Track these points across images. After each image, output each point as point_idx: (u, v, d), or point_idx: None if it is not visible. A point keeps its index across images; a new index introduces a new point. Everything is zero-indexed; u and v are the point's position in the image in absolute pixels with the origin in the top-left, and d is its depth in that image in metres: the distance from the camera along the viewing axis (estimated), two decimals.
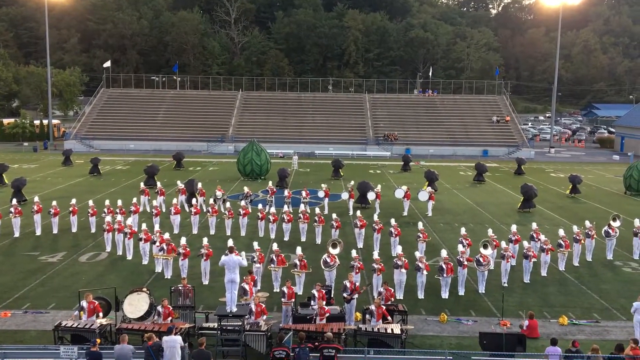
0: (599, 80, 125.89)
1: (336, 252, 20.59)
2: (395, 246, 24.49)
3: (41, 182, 42.67)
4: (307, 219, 27.57)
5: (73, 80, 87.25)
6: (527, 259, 21.98)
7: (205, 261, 21.20)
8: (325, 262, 20.14)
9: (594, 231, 24.92)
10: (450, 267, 20.28)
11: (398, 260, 20.08)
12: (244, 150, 46.34)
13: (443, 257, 20.50)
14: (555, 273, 23.04)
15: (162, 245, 21.70)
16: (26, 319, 18.08)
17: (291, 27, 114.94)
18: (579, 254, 24.42)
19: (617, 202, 38.89)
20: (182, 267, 21.58)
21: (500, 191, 42.60)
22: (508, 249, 22.03)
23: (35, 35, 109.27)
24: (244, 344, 15.45)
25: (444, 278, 20.29)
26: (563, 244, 23.33)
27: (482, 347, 15.92)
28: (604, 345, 15.97)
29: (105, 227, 25.35)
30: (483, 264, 20.83)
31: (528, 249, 22.06)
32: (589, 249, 24.90)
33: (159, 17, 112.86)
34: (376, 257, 20.25)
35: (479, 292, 20.82)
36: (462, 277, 20.81)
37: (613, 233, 25.42)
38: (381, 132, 69.10)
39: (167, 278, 21.61)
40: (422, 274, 20.12)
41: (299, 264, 20.13)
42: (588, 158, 65.93)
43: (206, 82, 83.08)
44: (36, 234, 27.82)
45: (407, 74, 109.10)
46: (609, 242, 25.49)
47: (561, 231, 24.24)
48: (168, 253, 21.57)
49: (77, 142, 65.32)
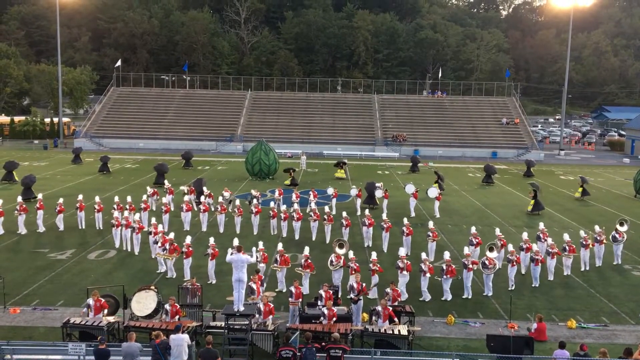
0: (610, 82, 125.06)
1: (342, 252, 20.60)
2: (407, 245, 24.84)
3: (51, 179, 42.92)
4: (318, 217, 27.94)
5: (83, 78, 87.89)
6: (534, 262, 21.72)
7: (212, 260, 21.25)
8: (331, 262, 20.21)
9: (603, 236, 24.39)
10: (452, 269, 20.11)
11: (400, 262, 20.07)
12: (253, 150, 46.41)
13: (445, 259, 20.36)
14: (563, 276, 22.87)
15: (165, 245, 21.72)
16: (35, 316, 18.20)
17: (301, 27, 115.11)
18: (586, 259, 23.94)
19: (627, 205, 38.63)
20: (186, 266, 21.53)
21: (509, 193, 42.41)
22: (514, 252, 21.77)
23: (46, 33, 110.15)
24: (251, 343, 15.50)
25: (444, 280, 20.17)
26: (568, 248, 22.88)
27: (489, 349, 15.87)
28: (612, 349, 15.88)
29: (113, 222, 25.57)
30: (489, 267, 20.70)
31: (536, 253, 21.83)
32: (599, 255, 24.36)
33: (169, 17, 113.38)
34: (374, 257, 20.25)
35: (487, 295, 20.71)
36: (467, 280, 20.63)
37: (620, 238, 24.90)
38: (390, 132, 69.00)
39: (172, 277, 21.64)
40: (426, 277, 20.00)
41: (304, 263, 20.21)
42: (598, 161, 65.53)
43: (215, 81, 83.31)
44: (38, 231, 27.89)
45: (416, 75, 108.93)
46: (616, 247, 24.98)
47: (566, 235, 23.89)
48: (170, 253, 21.58)
49: (87, 140, 65.67)
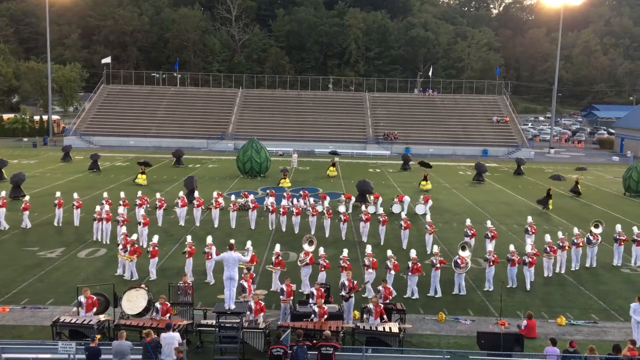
0: (600, 81, 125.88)
1: (311, 250, 20.68)
2: (404, 239, 25.74)
3: (40, 177, 42.61)
4: (316, 212, 28.25)
5: (73, 76, 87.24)
6: (510, 262, 21.24)
7: (188, 259, 20.93)
8: (299, 258, 20.37)
9: (580, 239, 23.89)
10: (418, 267, 19.79)
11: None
12: (244, 148, 46.31)
13: (411, 257, 20.06)
14: (554, 275, 22.89)
15: (126, 246, 21.13)
16: (24, 314, 18.08)
17: (292, 25, 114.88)
18: (563, 263, 23.27)
19: (616, 203, 38.89)
20: (151, 266, 21.22)
21: (499, 191, 42.58)
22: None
23: (35, 30, 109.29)
24: (242, 341, 15.48)
25: (409, 277, 19.96)
26: (548, 249, 22.48)
27: (479, 346, 15.95)
28: (602, 345, 16.01)
29: (95, 216, 25.87)
30: (461, 266, 20.57)
31: (512, 253, 21.26)
32: (576, 257, 23.82)
33: (159, 14, 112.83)
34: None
35: (461, 294, 20.52)
36: (434, 278, 20.25)
37: (594, 240, 24.12)
38: (381, 131, 69.09)
39: (131, 279, 20.82)
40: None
41: (274, 260, 20.19)
42: (587, 159, 65.91)
43: (206, 79, 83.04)
44: (22, 227, 27.87)
45: (407, 73, 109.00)
46: (591, 250, 24.16)
47: (547, 237, 23.26)
48: (130, 254, 21.06)
49: (76, 138, 65.27)
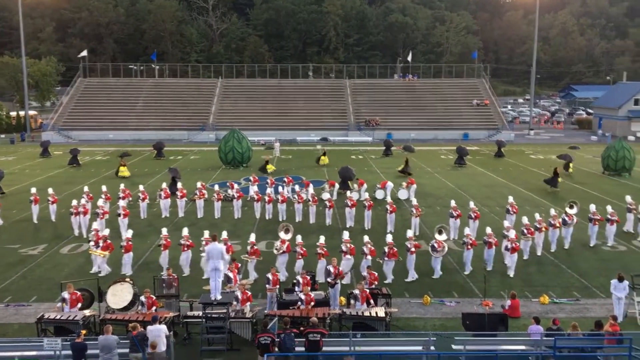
0: (577, 62, 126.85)
1: (287, 238, 20.76)
2: (390, 222, 26.18)
3: (19, 174, 42.04)
4: (302, 200, 28.53)
5: (49, 70, 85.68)
6: (487, 245, 21.39)
7: (164, 251, 20.85)
8: (275, 246, 20.55)
9: (557, 219, 24.05)
10: (394, 252, 19.97)
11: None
12: (225, 138, 46.07)
13: (387, 242, 20.26)
14: (534, 255, 23.14)
15: (98, 242, 20.87)
16: (8, 312, 17.94)
17: (270, 13, 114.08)
18: (540, 244, 23.42)
19: (595, 182, 39.42)
20: (126, 261, 21.08)
21: (481, 174, 42.91)
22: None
23: (9, 25, 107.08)
24: (229, 331, 15.51)
25: (386, 262, 20.12)
26: (526, 231, 22.56)
27: (465, 327, 16.14)
28: (584, 322, 16.30)
29: (72, 210, 25.81)
30: (438, 249, 20.78)
31: (489, 236, 21.30)
32: (553, 238, 24.00)
33: (135, 5, 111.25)
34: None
35: (435, 277, 20.72)
36: (410, 262, 20.52)
37: (570, 221, 24.22)
38: (362, 117, 69.07)
39: (104, 275, 20.57)
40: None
41: (249, 250, 20.19)
42: (567, 139, 66.60)
43: (185, 70, 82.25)
44: None
45: (387, 59, 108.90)
46: (566, 231, 24.25)
47: (525, 219, 23.31)
48: (103, 250, 20.81)
49: (54, 133, 64.33)
